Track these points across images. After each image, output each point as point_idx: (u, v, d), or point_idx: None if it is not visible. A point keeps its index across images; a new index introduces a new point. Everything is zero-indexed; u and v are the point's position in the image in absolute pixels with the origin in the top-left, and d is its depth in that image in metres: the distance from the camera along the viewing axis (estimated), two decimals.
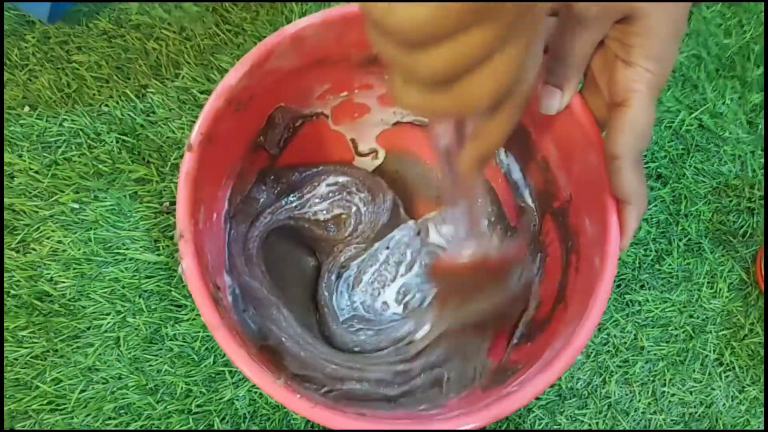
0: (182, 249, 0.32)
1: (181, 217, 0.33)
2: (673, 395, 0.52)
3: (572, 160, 0.40)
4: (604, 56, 0.34)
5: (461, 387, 0.44)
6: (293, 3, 0.57)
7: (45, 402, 0.46)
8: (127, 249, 0.49)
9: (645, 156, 0.57)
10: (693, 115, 0.58)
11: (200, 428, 0.47)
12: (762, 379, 0.53)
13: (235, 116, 0.38)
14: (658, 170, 0.57)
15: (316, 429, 0.48)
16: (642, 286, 0.54)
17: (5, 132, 0.51)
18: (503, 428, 0.50)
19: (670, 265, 0.55)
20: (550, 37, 0.34)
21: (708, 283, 0.55)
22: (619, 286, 0.54)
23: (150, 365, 0.48)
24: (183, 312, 0.48)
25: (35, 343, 0.47)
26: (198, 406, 0.47)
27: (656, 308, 0.54)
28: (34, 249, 0.49)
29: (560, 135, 0.40)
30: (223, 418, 0.47)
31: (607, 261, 0.34)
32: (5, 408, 0.46)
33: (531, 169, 0.47)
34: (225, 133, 0.38)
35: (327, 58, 0.40)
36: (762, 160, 0.58)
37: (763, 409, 0.52)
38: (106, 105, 0.52)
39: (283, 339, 0.42)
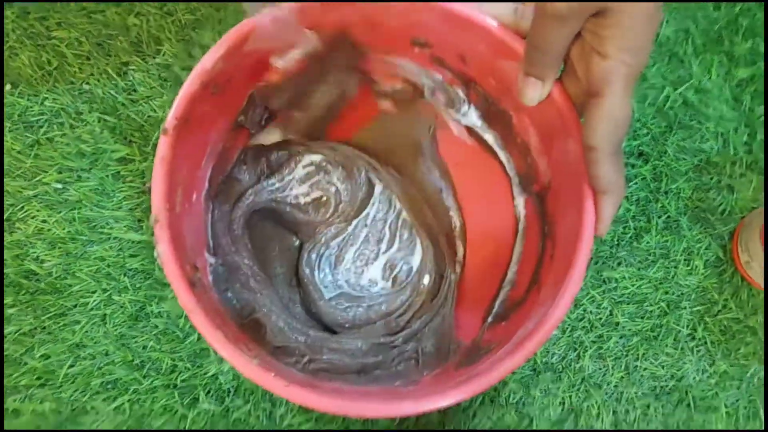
0: (157, 234, 0.33)
1: (156, 202, 0.34)
2: (645, 369, 0.54)
3: (552, 147, 0.41)
4: (581, 46, 0.35)
5: (436, 363, 0.46)
6: None
7: (34, 377, 0.48)
8: (111, 228, 0.50)
9: (627, 133, 0.57)
10: (678, 91, 0.58)
11: (185, 402, 0.49)
12: (733, 354, 0.55)
13: (213, 99, 0.38)
14: (640, 148, 0.57)
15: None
16: (619, 264, 0.55)
17: None
18: (477, 403, 0.52)
19: (648, 242, 0.56)
20: (529, 29, 0.35)
21: (685, 260, 0.56)
22: (596, 263, 0.55)
23: (136, 342, 0.49)
24: (167, 290, 0.50)
25: (23, 320, 0.49)
26: (183, 380, 0.49)
27: (632, 285, 0.55)
28: (19, 228, 0.50)
29: (540, 122, 0.41)
30: (208, 392, 0.49)
31: (581, 247, 0.35)
32: None
33: (512, 152, 0.47)
34: (202, 115, 0.38)
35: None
36: (745, 138, 0.58)
37: (732, 383, 0.54)
38: (87, 83, 0.52)
39: (264, 311, 0.43)
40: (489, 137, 0.48)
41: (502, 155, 0.48)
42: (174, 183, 0.36)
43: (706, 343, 0.55)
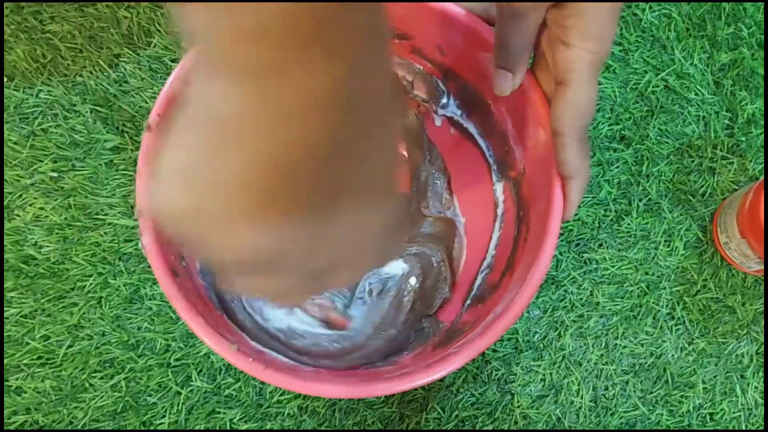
0: (142, 226, 0.35)
1: (140, 195, 0.36)
2: (624, 347, 0.56)
3: (525, 136, 0.43)
4: (546, 39, 0.36)
5: (416, 344, 0.48)
6: None
7: (35, 357, 0.51)
8: (106, 215, 0.53)
9: (609, 118, 0.59)
10: (659, 77, 0.60)
11: (179, 380, 0.51)
12: (712, 333, 0.56)
13: None
14: (622, 132, 0.59)
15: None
16: (600, 245, 0.57)
17: None
18: (461, 381, 0.54)
19: (628, 224, 0.58)
20: (496, 24, 0.36)
21: (665, 241, 0.58)
22: (578, 245, 0.57)
23: (131, 323, 0.52)
24: None
25: (24, 303, 0.51)
26: (177, 360, 0.52)
27: (613, 266, 0.57)
28: (17, 215, 0.53)
29: (514, 111, 0.43)
30: (200, 371, 0.52)
31: (549, 233, 0.37)
32: None
33: (492, 140, 0.49)
34: None
35: None
36: (726, 121, 0.60)
37: (710, 360, 0.56)
38: (80, 75, 0.55)
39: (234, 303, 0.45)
40: (470, 126, 0.50)
41: (482, 143, 0.50)
42: None
43: (684, 322, 0.57)
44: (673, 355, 0.56)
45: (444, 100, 0.49)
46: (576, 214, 0.57)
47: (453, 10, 0.40)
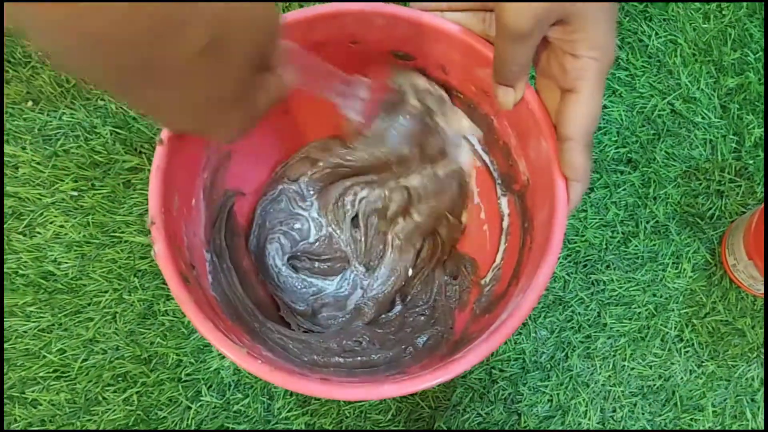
0: (154, 234, 0.37)
1: (153, 207, 0.38)
2: (632, 369, 0.57)
3: (528, 147, 0.44)
4: (549, 51, 0.38)
5: (426, 355, 0.50)
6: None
7: (51, 370, 0.53)
8: (123, 232, 0.55)
9: (616, 141, 0.61)
10: (666, 101, 0.62)
11: (189, 395, 0.53)
12: (721, 355, 0.57)
13: None
14: (629, 155, 0.61)
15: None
16: (607, 267, 0.58)
17: (10, 126, 0.57)
18: (467, 399, 0.55)
19: (636, 246, 0.59)
20: (494, 44, 0.38)
21: (673, 263, 0.59)
22: (585, 266, 0.58)
23: (144, 338, 0.54)
24: None
25: (42, 317, 0.54)
26: (187, 374, 0.53)
27: (620, 287, 0.58)
28: (38, 233, 0.55)
29: (517, 123, 0.45)
30: (210, 386, 0.53)
31: (552, 241, 0.39)
32: (16, 375, 0.53)
33: (495, 154, 0.51)
34: None
35: None
36: (733, 145, 0.61)
37: (720, 383, 0.57)
38: (102, 99, 0.58)
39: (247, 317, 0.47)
40: (474, 142, 0.52)
41: (486, 158, 0.52)
42: (170, 189, 0.40)
43: (693, 344, 0.57)
44: (682, 378, 0.57)
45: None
46: (583, 236, 0.58)
47: (452, 29, 0.42)
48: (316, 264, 0.54)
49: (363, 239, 0.55)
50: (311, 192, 0.56)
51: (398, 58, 0.47)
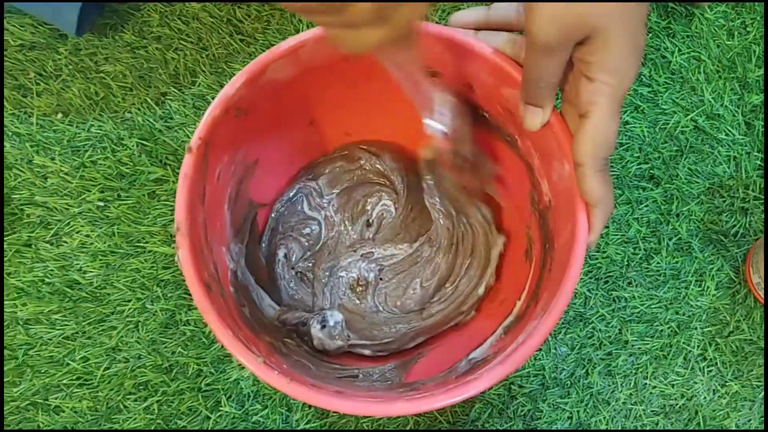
0: (178, 241, 0.39)
1: (179, 213, 0.39)
2: (654, 387, 0.56)
3: (551, 169, 0.45)
4: (572, 74, 0.39)
5: (442, 375, 0.50)
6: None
7: (74, 377, 0.54)
8: (147, 242, 0.57)
9: (638, 157, 0.61)
10: (689, 117, 0.62)
11: (209, 405, 0.54)
12: (745, 375, 0.57)
13: (237, 121, 0.44)
14: (651, 171, 0.61)
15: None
16: (629, 283, 0.58)
17: (40, 137, 0.59)
18: (486, 415, 0.55)
19: (658, 263, 0.59)
20: (524, 62, 0.39)
21: (696, 281, 0.59)
22: (606, 282, 0.58)
23: (166, 347, 0.55)
24: None
25: (66, 325, 0.55)
26: (207, 384, 0.54)
27: (642, 305, 0.58)
28: (65, 242, 0.57)
29: (540, 145, 0.45)
30: (230, 397, 0.54)
31: (573, 262, 0.39)
32: (40, 382, 0.54)
33: (520, 174, 0.52)
34: (226, 137, 0.44)
35: (320, 69, 0.46)
36: (758, 162, 0.61)
37: (744, 403, 0.56)
38: (129, 112, 0.60)
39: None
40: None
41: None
42: (196, 198, 0.41)
43: (717, 363, 0.57)
44: (705, 398, 0.56)
45: None
46: (605, 252, 0.59)
47: (481, 48, 0.43)
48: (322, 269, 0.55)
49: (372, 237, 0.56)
50: (334, 190, 0.57)
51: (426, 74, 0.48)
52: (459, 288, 0.54)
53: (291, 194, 0.56)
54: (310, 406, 0.54)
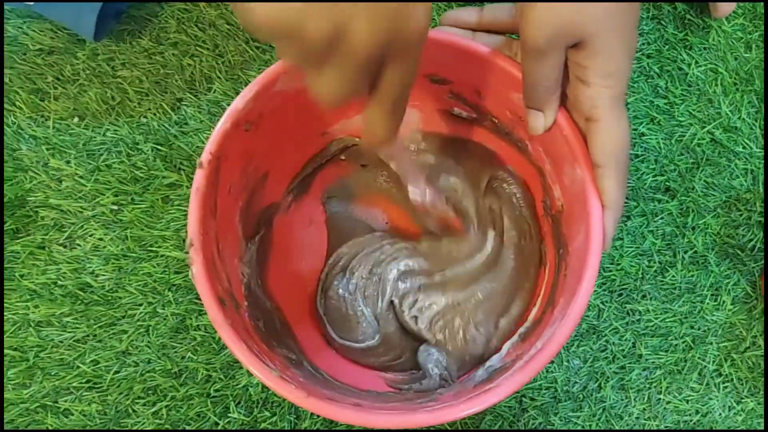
0: (192, 256, 0.39)
1: (192, 228, 0.39)
2: (668, 403, 0.56)
3: (563, 173, 0.45)
4: (569, 79, 0.39)
5: (458, 383, 0.50)
6: None
7: (84, 380, 0.54)
8: (159, 247, 0.57)
9: (654, 169, 0.60)
10: (705, 129, 0.61)
11: (217, 411, 0.54)
12: (762, 392, 0.56)
13: (247, 135, 0.44)
14: (666, 183, 0.60)
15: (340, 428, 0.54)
16: (643, 297, 0.58)
17: (56, 141, 0.59)
18: (497, 427, 0.55)
19: (673, 276, 0.58)
20: (522, 66, 0.39)
21: (712, 295, 0.58)
22: (620, 295, 0.58)
23: (176, 352, 0.55)
24: None
25: (77, 328, 0.56)
26: (216, 390, 0.54)
27: (656, 318, 0.57)
28: (78, 245, 0.57)
29: (551, 149, 0.45)
30: (239, 403, 0.54)
31: (588, 267, 0.39)
32: (50, 384, 0.54)
33: (531, 178, 0.52)
34: (236, 151, 0.44)
35: None
36: None
37: (760, 420, 0.55)
38: (145, 117, 0.60)
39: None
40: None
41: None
42: (208, 212, 0.42)
43: (732, 379, 0.56)
44: (720, 414, 0.56)
45: None
46: (619, 264, 0.58)
47: (488, 53, 0.43)
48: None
49: None
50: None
51: (434, 83, 0.48)
52: None
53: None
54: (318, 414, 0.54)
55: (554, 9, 0.35)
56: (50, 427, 0.54)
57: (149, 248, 0.57)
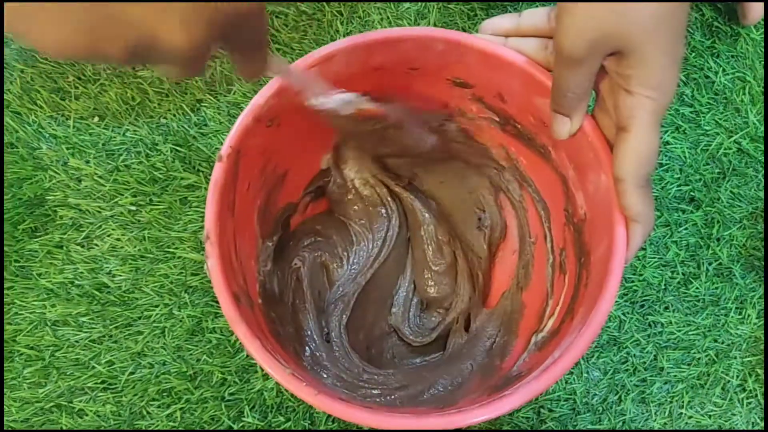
0: (208, 250, 0.39)
1: (209, 221, 0.39)
2: (690, 417, 0.55)
3: (587, 180, 0.44)
4: (607, 83, 0.38)
5: (474, 389, 0.49)
6: (339, 24, 0.63)
7: (99, 381, 0.55)
8: (176, 248, 0.57)
9: (678, 179, 0.60)
10: (732, 139, 0.60)
11: (231, 414, 0.54)
12: None
13: (269, 131, 0.44)
14: (691, 193, 0.60)
15: (352, 428, 0.54)
16: (666, 308, 0.57)
17: (77, 140, 0.60)
18: None
19: (697, 288, 0.57)
20: (553, 70, 0.39)
21: (736, 308, 0.57)
22: (642, 306, 0.57)
23: (191, 354, 0.55)
24: None
25: (93, 328, 0.56)
26: (231, 394, 0.54)
27: (679, 330, 0.56)
28: (96, 245, 0.58)
29: (575, 156, 0.45)
30: (253, 407, 0.54)
31: (611, 278, 0.38)
32: (65, 384, 0.55)
33: (553, 185, 0.51)
34: (256, 147, 0.44)
35: (353, 78, 0.46)
36: None
37: None
38: (165, 117, 0.60)
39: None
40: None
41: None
42: (226, 208, 0.41)
43: (756, 395, 0.55)
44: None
45: None
46: (641, 275, 0.57)
47: (512, 56, 0.42)
48: None
49: None
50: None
51: (456, 86, 0.48)
52: None
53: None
54: (333, 420, 0.54)
55: (594, 16, 0.33)
56: (65, 427, 0.54)
57: (166, 249, 0.57)
